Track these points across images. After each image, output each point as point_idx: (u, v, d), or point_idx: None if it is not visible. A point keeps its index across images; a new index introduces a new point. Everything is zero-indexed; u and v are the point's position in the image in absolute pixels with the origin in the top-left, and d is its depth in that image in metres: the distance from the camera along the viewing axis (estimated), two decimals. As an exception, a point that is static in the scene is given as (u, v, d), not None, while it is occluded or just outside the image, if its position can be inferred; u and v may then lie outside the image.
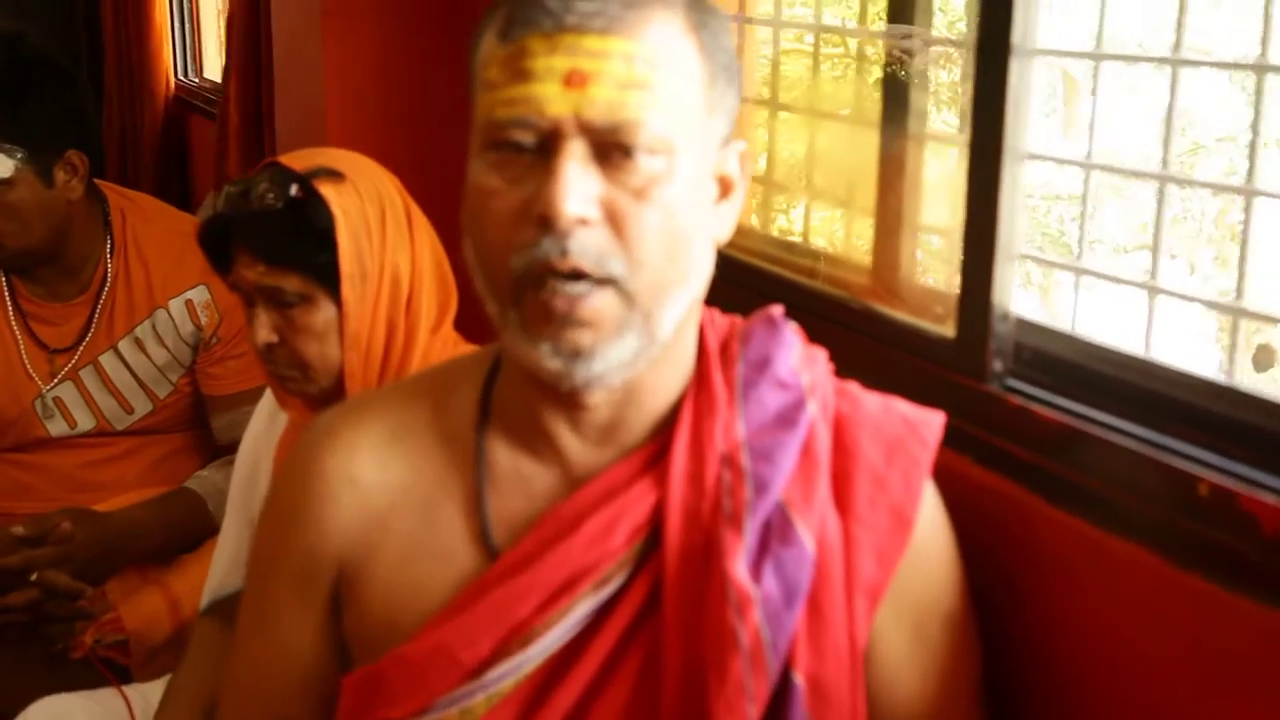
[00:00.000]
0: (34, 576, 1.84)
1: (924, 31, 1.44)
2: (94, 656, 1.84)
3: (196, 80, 4.27)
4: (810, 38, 1.68)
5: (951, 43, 1.48)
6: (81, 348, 2.07)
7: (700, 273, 0.98)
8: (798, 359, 1.05)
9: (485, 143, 0.94)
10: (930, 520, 1.04)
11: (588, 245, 0.90)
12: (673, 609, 0.97)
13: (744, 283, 1.51)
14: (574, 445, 1.01)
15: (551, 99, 0.90)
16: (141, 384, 2.10)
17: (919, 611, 1.02)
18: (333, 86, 2.04)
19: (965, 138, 1.22)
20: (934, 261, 1.43)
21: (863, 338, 1.32)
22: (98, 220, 2.08)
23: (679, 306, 0.96)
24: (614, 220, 0.91)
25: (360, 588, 1.04)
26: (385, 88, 2.03)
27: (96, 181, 2.11)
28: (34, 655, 1.92)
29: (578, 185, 0.90)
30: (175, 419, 2.15)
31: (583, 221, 0.90)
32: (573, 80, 0.90)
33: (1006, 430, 1.14)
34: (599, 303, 0.91)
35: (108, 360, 2.08)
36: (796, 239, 1.63)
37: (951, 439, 1.15)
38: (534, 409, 1.01)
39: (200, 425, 2.19)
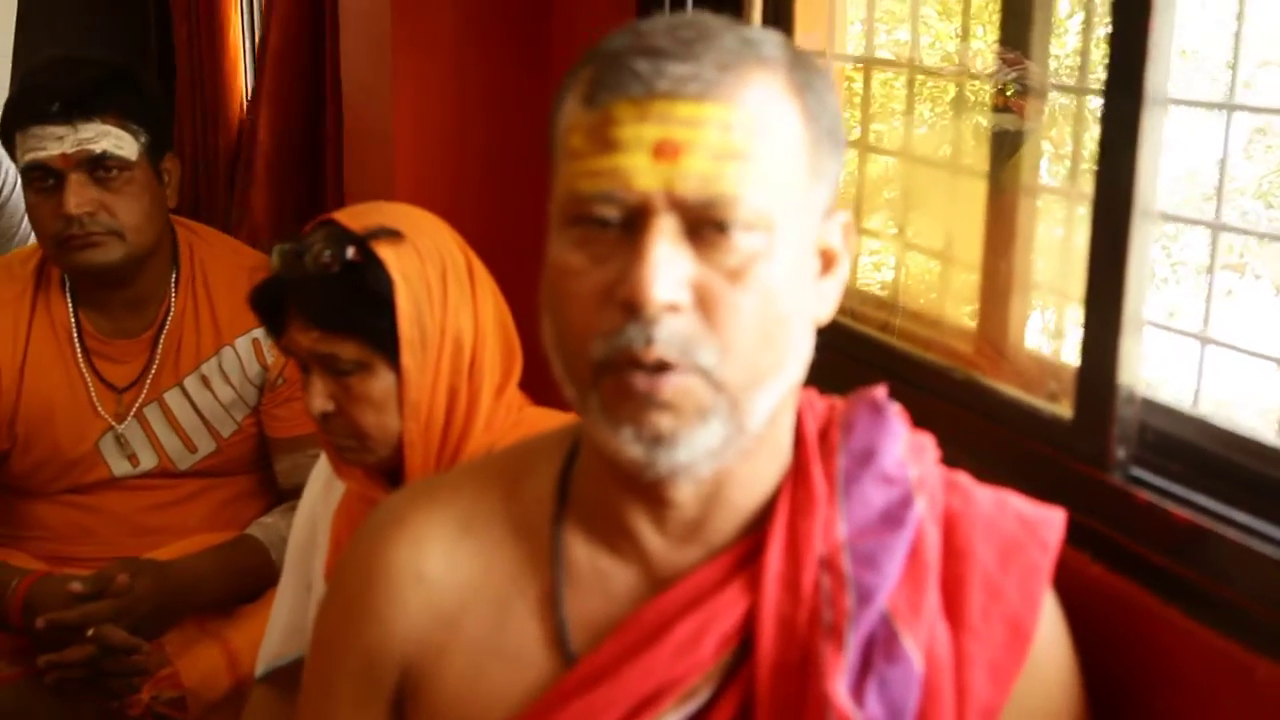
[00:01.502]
0: (90, 632, 1.78)
1: (1039, 71, 1.34)
2: (150, 715, 1.78)
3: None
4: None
5: (1066, 88, 1.38)
6: (147, 385, 2.01)
7: (799, 358, 0.89)
8: (904, 450, 0.96)
9: (567, 217, 0.85)
10: (1050, 633, 0.93)
11: (675, 333, 0.82)
12: None
13: (834, 344, 1.41)
14: (657, 543, 0.93)
15: (640, 171, 0.81)
16: (206, 423, 2.04)
17: None
18: (402, 123, 1.98)
19: (1088, 193, 1.11)
20: (1045, 329, 1.33)
21: (967, 413, 1.22)
22: (167, 252, 2.03)
23: (773, 395, 0.86)
24: (705, 305, 0.82)
25: (427, 692, 0.95)
26: (457, 126, 1.96)
27: None
28: (90, 711, 1.87)
29: (667, 268, 0.81)
30: (239, 460, 2.09)
31: (673, 308, 0.82)
32: (664, 151, 0.81)
33: (1132, 527, 1.04)
34: (683, 384, 0.82)
35: (173, 398, 2.02)
36: (878, 290, 1.53)
37: (1069, 532, 1.05)
38: (614, 501, 0.92)
39: (264, 468, 2.12)
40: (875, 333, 1.39)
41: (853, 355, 1.32)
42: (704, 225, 0.82)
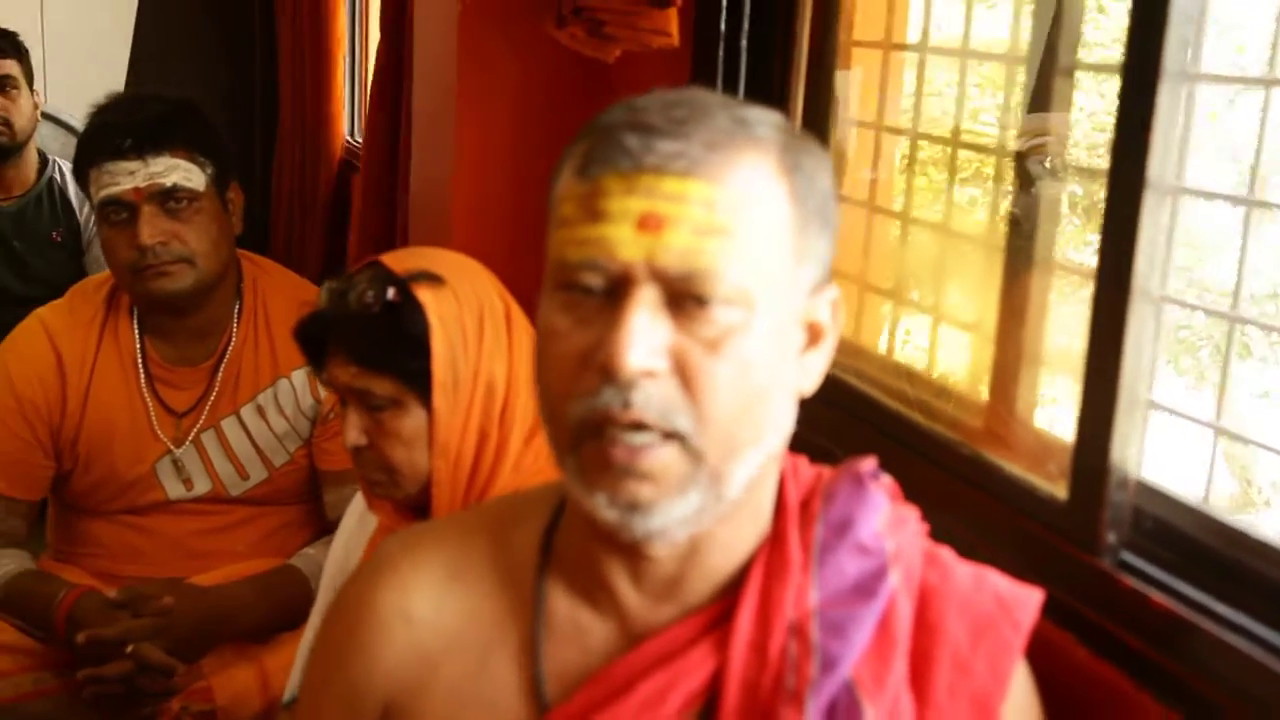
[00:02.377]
0: (129, 649, 1.84)
1: (1059, 150, 1.36)
2: (179, 726, 1.84)
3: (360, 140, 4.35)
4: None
5: (1083, 170, 1.39)
6: (205, 411, 2.09)
7: (778, 429, 0.91)
8: (883, 522, 0.97)
9: (556, 283, 0.89)
10: (1019, 711, 0.94)
11: (652, 398, 0.85)
12: None
13: (850, 408, 1.44)
14: (634, 599, 0.95)
15: (624, 242, 0.85)
16: (259, 451, 2.11)
17: None
18: (461, 177, 2.04)
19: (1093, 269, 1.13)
20: (1057, 408, 1.34)
21: (968, 487, 1.23)
22: (231, 282, 2.11)
23: (751, 465, 0.89)
24: (683, 373, 0.85)
25: None
26: (512, 182, 2.02)
27: None
28: (124, 724, 1.93)
29: (644, 336, 0.84)
30: (288, 491, 2.15)
31: (648, 374, 0.85)
32: (647, 224, 0.84)
33: (1117, 613, 1.04)
34: (662, 457, 0.85)
35: (229, 425, 2.09)
36: (907, 365, 1.55)
37: (1056, 612, 1.06)
38: (595, 557, 0.95)
39: (312, 500, 2.19)
40: (886, 399, 1.41)
41: (859, 417, 1.34)
42: (684, 298, 0.85)
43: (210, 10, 4.16)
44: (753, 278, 0.86)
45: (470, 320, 1.42)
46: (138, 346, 2.08)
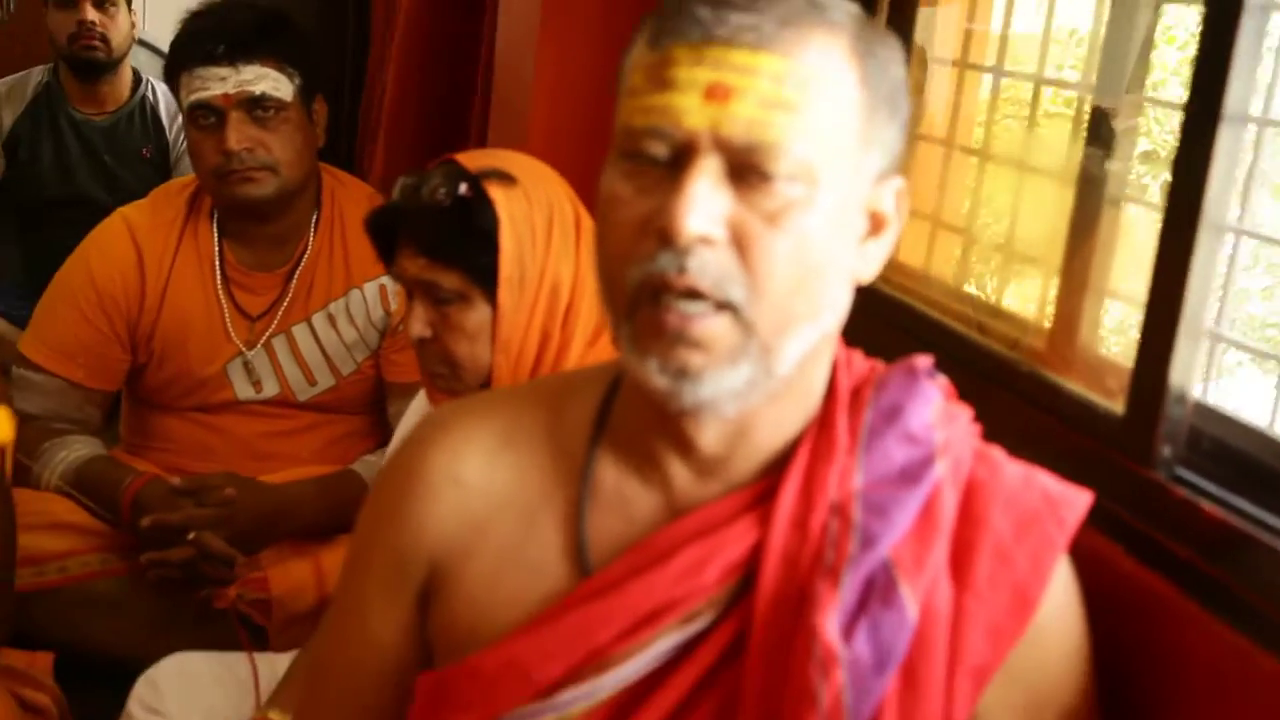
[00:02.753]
0: (191, 536, 1.89)
1: (1136, 95, 1.34)
2: (235, 611, 1.88)
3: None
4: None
5: (1161, 103, 1.37)
6: (278, 316, 2.13)
7: (834, 310, 0.92)
8: (934, 414, 0.98)
9: (620, 150, 0.90)
10: (1059, 607, 0.94)
11: (708, 265, 0.85)
12: (756, 658, 0.91)
13: (908, 328, 1.43)
14: (681, 474, 0.96)
15: (689, 111, 0.86)
16: (328, 359, 2.15)
17: (1033, 699, 0.93)
18: (540, 95, 2.05)
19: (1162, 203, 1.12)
20: (1120, 335, 1.33)
21: (1024, 403, 1.23)
22: (312, 193, 2.15)
23: (803, 342, 0.89)
24: (740, 243, 0.86)
25: (449, 591, 1.01)
26: (593, 104, 2.03)
27: None
28: (186, 609, 1.98)
29: (704, 203, 0.85)
30: (354, 399, 2.20)
31: (705, 240, 0.85)
32: (714, 94, 0.85)
33: (1167, 523, 1.04)
34: (714, 327, 0.86)
35: (300, 332, 2.14)
36: (973, 293, 1.54)
37: (1105, 524, 1.06)
38: (646, 431, 0.96)
39: (378, 411, 2.23)
40: (950, 322, 1.41)
41: (920, 339, 1.33)
42: (747, 170, 0.86)
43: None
44: (817, 155, 0.86)
45: (540, 220, 1.43)
46: (216, 249, 2.13)
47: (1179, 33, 1.61)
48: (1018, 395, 1.24)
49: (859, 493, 0.93)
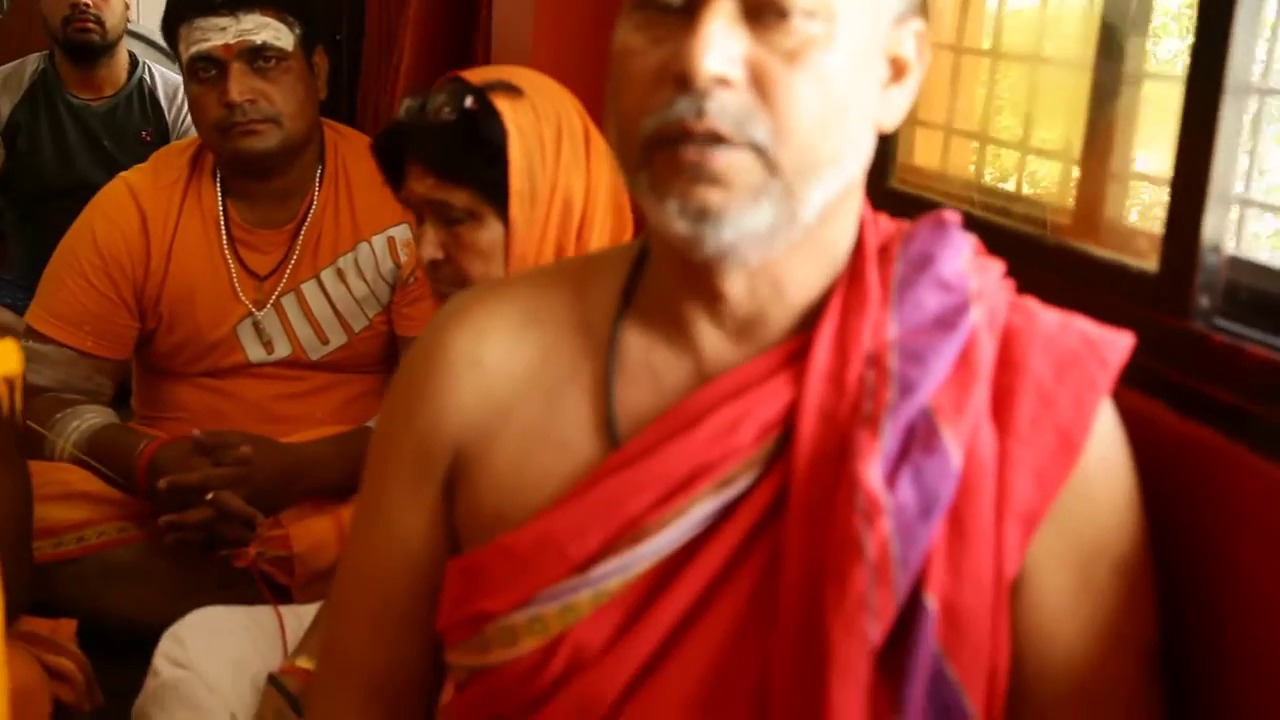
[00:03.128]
0: (209, 496, 1.87)
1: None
2: (256, 569, 1.86)
3: None
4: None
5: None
6: (286, 274, 2.11)
7: (857, 154, 0.89)
8: (965, 262, 0.95)
9: (631, 1, 0.87)
10: (1105, 450, 0.91)
11: (728, 106, 0.83)
12: (797, 514, 0.88)
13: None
14: (711, 337, 0.93)
15: None
16: (339, 315, 2.12)
17: (1084, 550, 0.89)
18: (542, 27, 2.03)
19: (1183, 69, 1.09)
20: (1148, 206, 1.29)
21: (1055, 275, 1.19)
22: (315, 147, 2.12)
23: (827, 187, 0.87)
24: (760, 83, 0.83)
25: (475, 475, 0.98)
26: (593, 30, 2.00)
27: None
28: (207, 574, 1.96)
29: (720, 42, 0.82)
30: (367, 356, 2.17)
31: (723, 81, 0.82)
32: None
33: (1210, 371, 1.00)
34: (735, 159, 0.83)
35: (309, 289, 2.11)
36: (1006, 187, 1.51)
37: (1147, 382, 1.02)
38: (673, 296, 0.94)
39: (390, 368, 2.20)
40: (971, 210, 1.38)
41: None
42: (763, 9, 0.83)
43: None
44: None
45: (548, 133, 1.40)
46: (220, 208, 2.10)
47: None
48: (1047, 269, 1.21)
49: (894, 342, 0.90)
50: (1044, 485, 0.88)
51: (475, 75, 1.43)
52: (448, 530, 1.01)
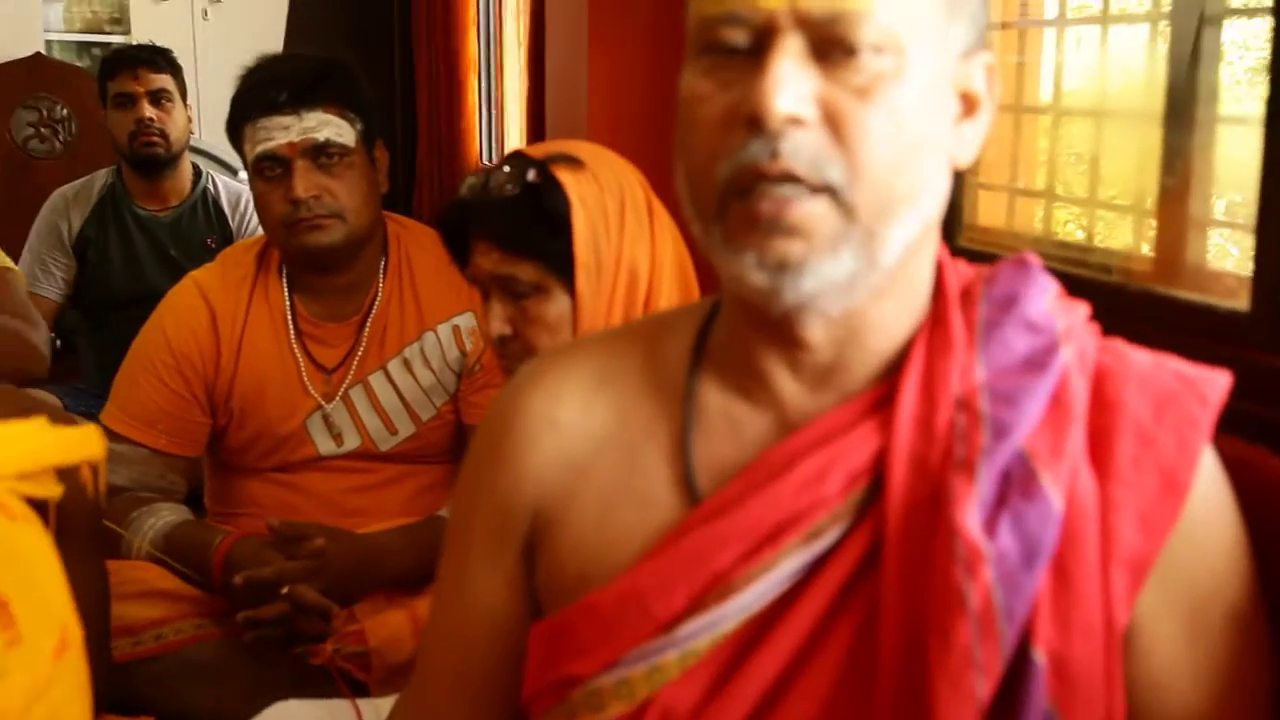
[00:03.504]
0: (285, 590, 1.85)
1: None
2: (333, 665, 1.83)
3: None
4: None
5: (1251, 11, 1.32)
6: (354, 366, 2.11)
7: (933, 193, 0.87)
8: (1051, 302, 0.92)
9: (696, 46, 0.87)
10: (1210, 492, 0.87)
11: (801, 147, 0.81)
12: (893, 566, 0.84)
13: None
14: (790, 388, 0.91)
15: None
16: (406, 405, 2.12)
17: (1196, 597, 0.85)
18: (595, 99, 2.05)
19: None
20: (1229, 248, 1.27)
21: (1140, 322, 1.17)
22: (378, 240, 2.14)
23: (906, 229, 0.85)
24: (833, 122, 0.82)
25: (555, 537, 0.96)
26: (644, 104, 2.02)
27: None
28: (284, 673, 1.93)
29: (791, 81, 0.81)
30: (436, 446, 2.16)
31: (796, 121, 0.81)
32: None
33: (1313, 407, 0.97)
34: (812, 209, 0.82)
35: (376, 381, 2.11)
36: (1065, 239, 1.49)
37: (1245, 426, 0.98)
38: (749, 347, 0.92)
39: (459, 458, 2.18)
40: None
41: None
42: (831, 46, 0.82)
43: (352, 45, 4.28)
44: (901, 22, 0.82)
45: (611, 204, 1.40)
46: (287, 304, 2.12)
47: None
48: (1132, 316, 1.18)
49: (983, 385, 0.88)
50: (1151, 530, 0.84)
51: (536, 150, 1.44)
52: (528, 594, 0.99)
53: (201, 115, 4.14)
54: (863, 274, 0.84)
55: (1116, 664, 0.83)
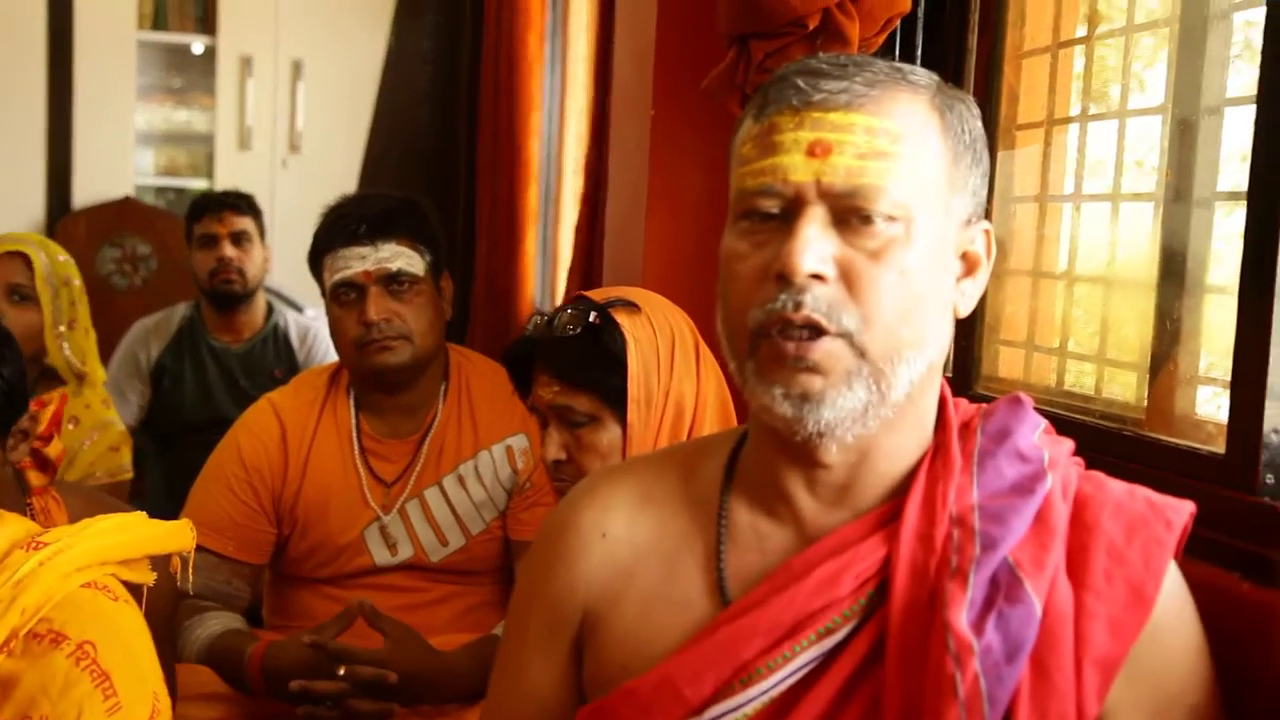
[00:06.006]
0: (342, 670, 1.92)
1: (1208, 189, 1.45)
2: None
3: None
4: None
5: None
6: (412, 481, 2.26)
7: (937, 338, 1.02)
8: (1039, 436, 1.06)
9: (736, 213, 1.03)
10: (1174, 604, 1.00)
11: (821, 300, 0.96)
12: (895, 657, 0.97)
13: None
14: (809, 505, 1.05)
15: (796, 168, 0.98)
16: (458, 519, 2.26)
17: (1161, 696, 0.97)
18: (650, 250, 2.22)
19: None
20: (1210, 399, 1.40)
21: (1132, 463, 1.30)
22: (440, 364, 2.31)
23: (913, 368, 0.99)
24: (848, 279, 0.97)
25: (601, 633, 1.09)
26: (695, 256, 2.18)
27: None
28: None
29: (815, 245, 0.97)
30: (483, 561, 2.28)
31: (818, 277, 0.97)
32: (815, 150, 0.98)
33: (1276, 540, 1.09)
34: (830, 349, 0.97)
35: (432, 495, 2.26)
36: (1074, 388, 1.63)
37: (1220, 555, 1.11)
38: (774, 470, 1.06)
39: (506, 579, 2.31)
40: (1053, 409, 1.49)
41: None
42: (849, 215, 0.98)
43: (421, 195, 4.51)
44: (911, 196, 0.98)
45: (663, 345, 1.56)
46: (353, 421, 2.28)
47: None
48: (1125, 458, 1.31)
49: (977, 505, 1.01)
50: (1119, 635, 0.96)
51: (597, 294, 1.60)
52: (576, 683, 1.11)
53: (275, 256, 4.39)
54: (874, 406, 0.98)
55: None
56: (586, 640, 1.11)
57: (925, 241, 0.99)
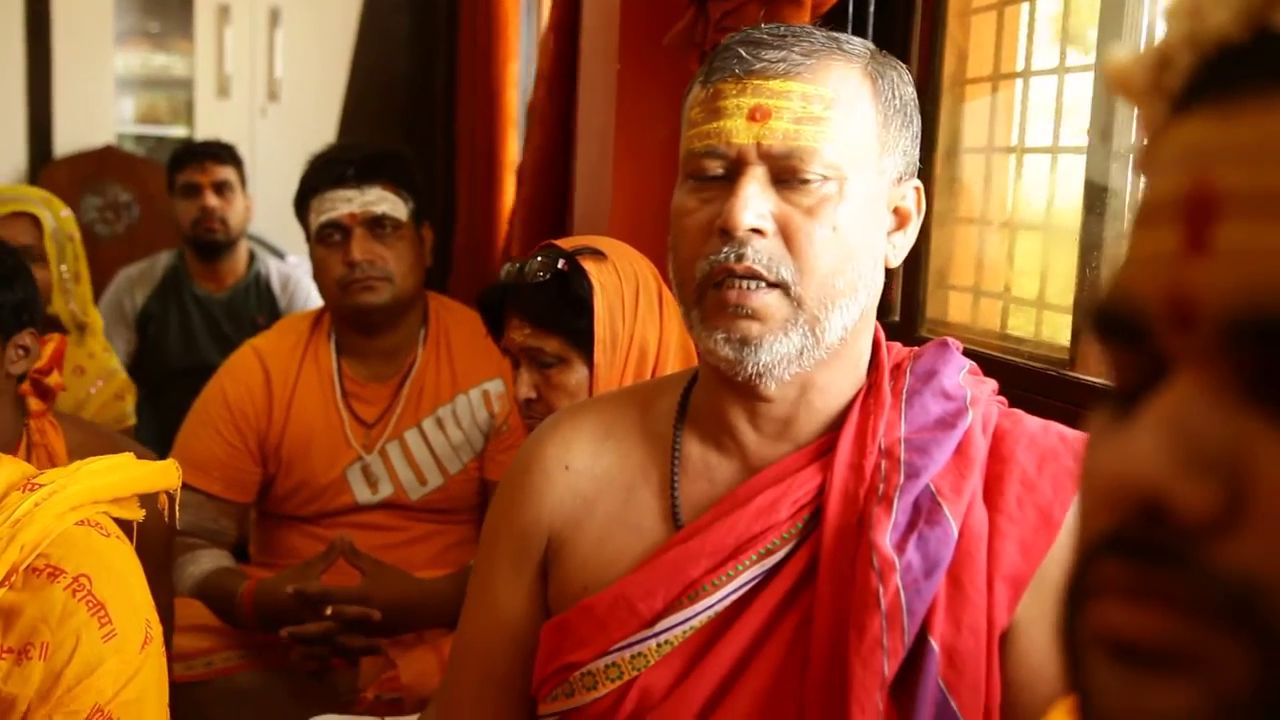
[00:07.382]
0: (329, 610, 2.04)
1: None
2: (375, 712, 2.04)
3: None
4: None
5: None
6: (391, 423, 2.37)
7: (868, 287, 1.11)
8: (964, 377, 1.16)
9: (685, 172, 1.12)
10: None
11: (760, 252, 1.06)
12: (826, 574, 1.08)
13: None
14: (753, 439, 1.15)
15: (738, 131, 1.08)
16: (437, 459, 2.37)
17: None
18: (618, 201, 2.31)
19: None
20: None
21: (1057, 401, 1.40)
22: (419, 310, 2.41)
23: (846, 315, 1.09)
24: (786, 233, 1.07)
25: (565, 557, 1.20)
26: (659, 208, 2.27)
27: None
28: (320, 701, 2.14)
29: (754, 202, 1.06)
30: (461, 500, 2.40)
31: (757, 232, 1.06)
32: (756, 115, 1.07)
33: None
34: (767, 299, 1.06)
35: (411, 436, 2.37)
36: (1017, 334, 1.73)
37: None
38: (721, 406, 1.16)
39: (482, 516, 2.41)
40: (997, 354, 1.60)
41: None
42: (787, 174, 1.07)
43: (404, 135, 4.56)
44: (843, 158, 1.08)
45: (628, 290, 1.66)
46: (335, 365, 2.39)
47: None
48: (1051, 396, 1.42)
49: (903, 438, 1.12)
50: (1028, 554, 1.07)
51: (566, 243, 1.69)
52: (542, 604, 1.22)
53: (256, 204, 4.46)
54: (810, 349, 1.09)
55: (995, 657, 1.06)
56: (551, 564, 1.21)
57: (857, 198, 1.08)
